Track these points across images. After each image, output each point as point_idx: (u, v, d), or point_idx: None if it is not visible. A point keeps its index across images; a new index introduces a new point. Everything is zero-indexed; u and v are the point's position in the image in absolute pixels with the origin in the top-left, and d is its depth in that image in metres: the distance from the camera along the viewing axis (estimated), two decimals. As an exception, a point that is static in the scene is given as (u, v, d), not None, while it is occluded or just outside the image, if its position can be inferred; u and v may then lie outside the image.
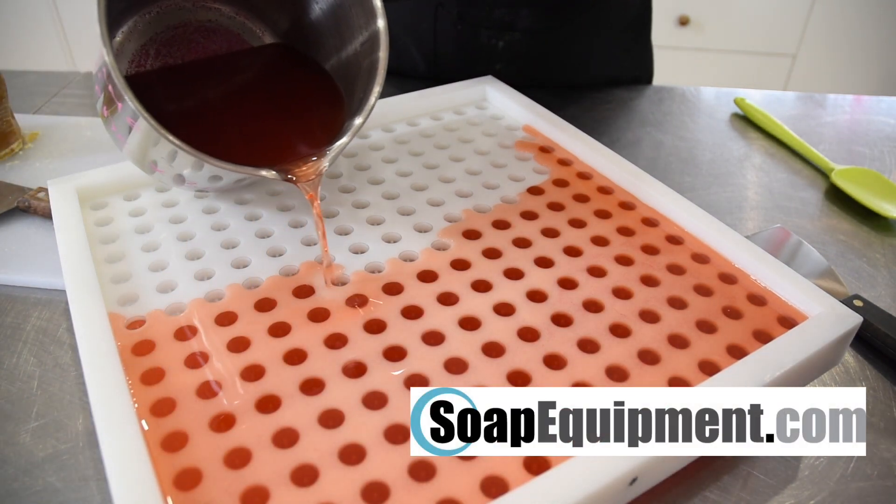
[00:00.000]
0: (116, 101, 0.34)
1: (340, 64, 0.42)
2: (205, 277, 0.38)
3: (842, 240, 0.51)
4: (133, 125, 0.35)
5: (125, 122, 0.35)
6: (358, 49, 0.40)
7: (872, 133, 0.66)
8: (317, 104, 0.42)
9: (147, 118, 0.32)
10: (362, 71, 0.40)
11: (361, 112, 0.38)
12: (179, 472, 0.28)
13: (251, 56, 0.46)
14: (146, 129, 0.33)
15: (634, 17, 0.71)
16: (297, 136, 0.40)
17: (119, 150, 0.39)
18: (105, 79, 0.34)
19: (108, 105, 0.36)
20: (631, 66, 0.74)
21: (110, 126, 0.38)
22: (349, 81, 0.42)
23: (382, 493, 0.27)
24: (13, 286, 0.45)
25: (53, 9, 1.57)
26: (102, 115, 0.38)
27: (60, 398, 0.37)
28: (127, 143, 0.37)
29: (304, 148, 0.39)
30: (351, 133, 0.38)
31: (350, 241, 0.40)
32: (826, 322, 0.34)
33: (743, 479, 0.34)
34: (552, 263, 0.39)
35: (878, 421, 0.37)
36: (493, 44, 0.67)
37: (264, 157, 0.37)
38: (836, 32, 1.57)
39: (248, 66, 0.45)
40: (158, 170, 0.38)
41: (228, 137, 0.36)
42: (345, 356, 0.33)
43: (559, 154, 0.49)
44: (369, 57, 0.39)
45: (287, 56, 0.46)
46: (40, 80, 0.72)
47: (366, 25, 0.39)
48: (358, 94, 0.40)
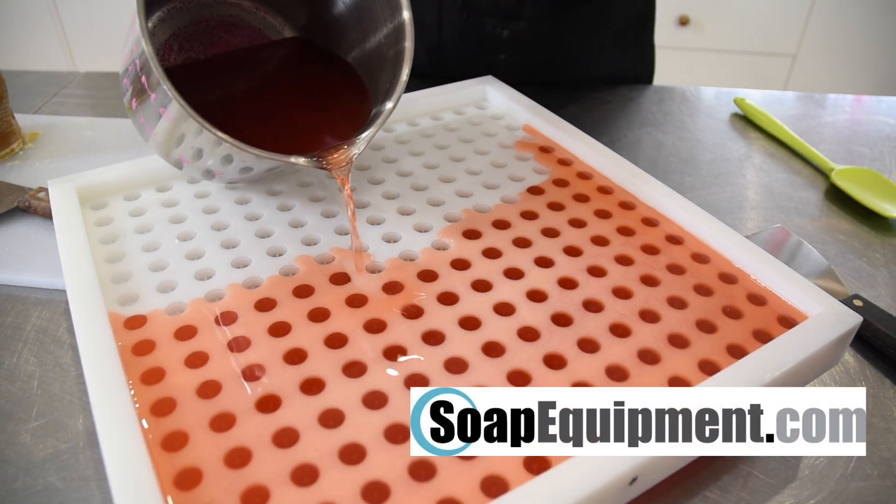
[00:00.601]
0: (150, 92, 0.35)
1: (363, 55, 0.43)
2: (205, 277, 0.38)
3: (842, 240, 0.51)
4: (166, 116, 0.35)
5: (157, 113, 0.36)
6: (382, 41, 0.41)
7: (872, 133, 0.66)
8: (342, 94, 0.43)
9: (187, 108, 0.33)
10: (387, 61, 0.41)
11: (391, 97, 0.39)
12: (180, 471, 0.28)
13: (273, 49, 0.47)
14: (179, 120, 0.34)
15: (638, 14, 0.72)
16: (325, 125, 0.41)
17: (145, 141, 0.40)
18: (138, 71, 0.35)
19: (137, 97, 0.37)
20: (633, 63, 0.74)
21: (138, 118, 0.38)
22: (372, 72, 0.42)
23: (382, 493, 0.27)
24: (13, 286, 0.45)
25: (53, 9, 1.57)
26: (130, 107, 0.39)
27: (61, 398, 0.37)
28: (155, 135, 0.38)
29: (334, 136, 0.40)
30: (382, 118, 0.38)
31: (350, 241, 0.40)
32: (826, 322, 0.34)
33: (743, 479, 0.34)
34: (552, 263, 0.39)
35: (878, 421, 0.37)
36: (497, 33, 0.67)
37: (296, 147, 0.37)
38: (836, 32, 1.57)
39: (271, 59, 0.46)
40: (186, 161, 0.39)
41: (259, 128, 0.37)
42: (345, 356, 0.33)
43: (559, 154, 0.49)
44: (395, 47, 0.40)
45: (308, 49, 0.47)
46: (40, 80, 0.72)
47: (390, 18, 0.40)
48: (384, 82, 0.41)
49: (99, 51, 1.64)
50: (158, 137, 0.38)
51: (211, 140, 0.35)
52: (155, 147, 0.40)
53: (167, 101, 0.34)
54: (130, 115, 0.39)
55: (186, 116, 0.33)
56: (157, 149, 0.40)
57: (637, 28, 0.73)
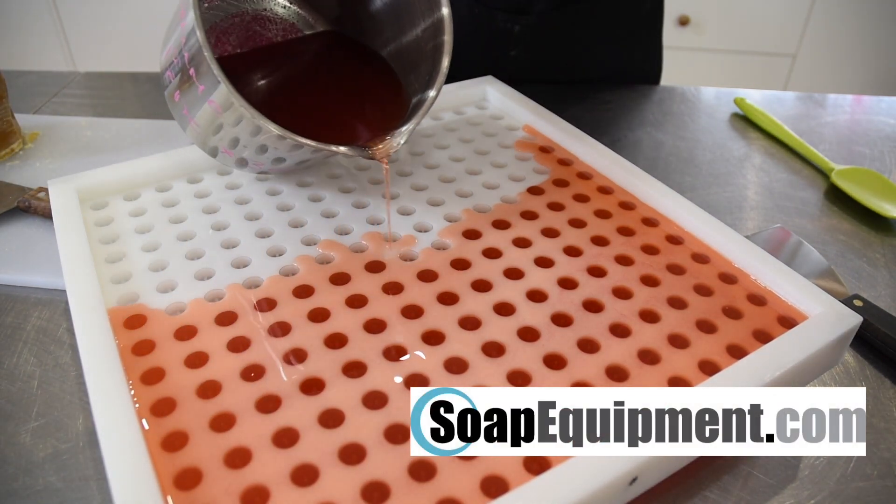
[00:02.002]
0: (198, 84, 0.35)
1: (398, 49, 0.45)
2: (205, 277, 0.38)
3: (842, 240, 0.51)
4: (215, 107, 0.36)
5: (202, 104, 0.36)
6: (419, 34, 0.42)
7: (872, 133, 0.66)
8: (377, 86, 0.45)
9: (237, 97, 0.34)
10: (425, 54, 0.42)
11: (433, 86, 0.40)
12: (180, 471, 0.28)
13: (306, 43, 0.48)
14: (227, 110, 0.35)
15: (647, 11, 0.72)
16: (363, 116, 0.43)
17: (183, 130, 0.41)
18: (186, 63, 0.36)
19: (182, 88, 0.38)
20: (641, 61, 0.74)
21: (181, 109, 0.39)
22: (408, 65, 0.44)
23: (383, 493, 0.27)
24: (13, 286, 0.45)
25: (53, 9, 1.57)
26: (172, 99, 0.39)
27: (61, 398, 0.37)
28: (196, 125, 0.39)
29: (372, 127, 0.41)
30: (427, 105, 0.39)
31: (350, 241, 0.40)
32: (826, 322, 0.34)
33: (743, 478, 0.34)
34: (552, 263, 0.39)
35: (878, 421, 0.37)
36: (508, 28, 0.67)
37: (335, 137, 0.38)
38: (836, 32, 1.57)
39: (306, 52, 0.48)
40: (227, 151, 0.40)
41: (301, 119, 0.38)
42: (345, 356, 0.33)
43: (559, 154, 0.49)
44: (433, 41, 0.41)
45: (340, 43, 0.48)
46: (40, 80, 0.72)
47: (429, 13, 0.42)
48: (422, 74, 0.42)
49: (99, 51, 1.64)
50: (199, 127, 0.39)
51: (252, 130, 0.36)
52: (194, 136, 0.41)
53: (217, 92, 0.35)
54: (171, 106, 0.41)
55: (235, 107, 0.34)
56: (196, 138, 0.41)
57: (646, 26, 0.73)
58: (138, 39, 1.61)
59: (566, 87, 0.71)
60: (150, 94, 0.71)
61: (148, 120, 0.63)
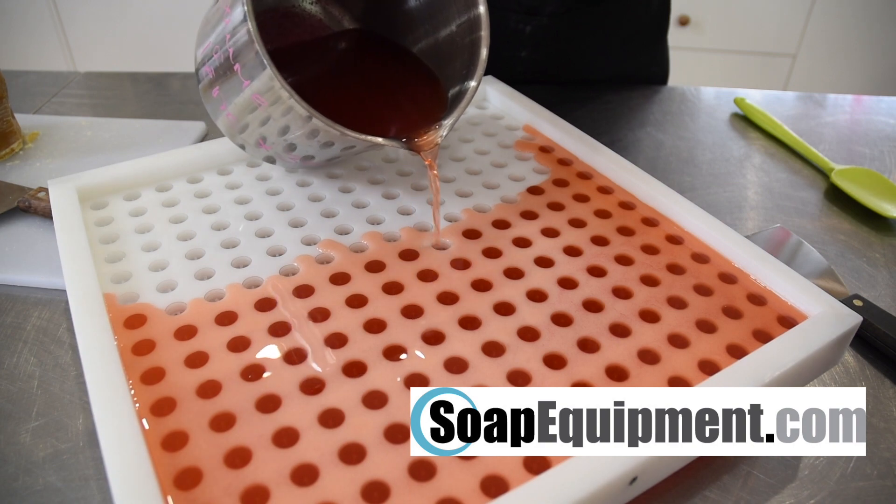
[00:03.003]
0: (243, 78, 0.36)
1: (431, 46, 0.45)
2: (205, 277, 0.38)
3: (842, 240, 0.51)
4: (259, 101, 0.36)
5: (246, 98, 0.37)
6: (454, 31, 0.43)
7: (872, 133, 0.66)
8: (412, 81, 0.45)
9: (286, 87, 0.34)
10: (461, 48, 0.43)
11: (473, 76, 0.41)
12: (180, 471, 0.28)
13: (337, 40, 0.49)
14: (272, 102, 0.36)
15: (655, 12, 0.72)
16: (404, 109, 0.44)
17: (216, 121, 0.42)
18: (230, 59, 0.36)
19: (222, 84, 0.38)
20: (649, 62, 0.75)
21: (218, 105, 0.40)
22: (442, 60, 0.44)
23: (383, 493, 0.27)
24: (13, 286, 0.45)
25: (53, 9, 1.57)
26: (210, 94, 0.40)
27: (61, 398, 0.37)
28: (234, 120, 0.40)
29: (411, 120, 0.42)
30: (469, 95, 0.40)
31: (350, 240, 0.40)
32: (826, 322, 0.34)
33: (743, 478, 0.34)
34: (552, 263, 0.39)
35: (878, 421, 0.37)
36: (520, 28, 0.67)
37: (379, 132, 0.39)
38: (836, 32, 1.57)
39: (338, 49, 0.48)
40: (266, 146, 0.41)
41: (343, 114, 0.38)
42: (345, 355, 0.33)
43: (559, 154, 0.49)
44: (469, 36, 0.42)
45: (370, 39, 0.49)
46: (40, 80, 0.72)
47: (465, 11, 0.42)
48: (458, 67, 0.43)
49: (99, 51, 1.64)
50: (237, 122, 0.40)
51: (299, 124, 0.37)
52: (229, 130, 0.42)
53: (265, 85, 0.35)
54: (207, 101, 0.41)
55: (283, 100, 0.35)
56: (231, 132, 0.42)
57: (654, 27, 0.73)
58: (138, 39, 1.61)
59: (566, 88, 0.71)
60: (150, 94, 0.71)
61: (148, 120, 0.63)
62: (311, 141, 0.38)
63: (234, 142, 0.43)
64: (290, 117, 0.36)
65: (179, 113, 0.66)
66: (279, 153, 0.41)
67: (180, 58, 1.63)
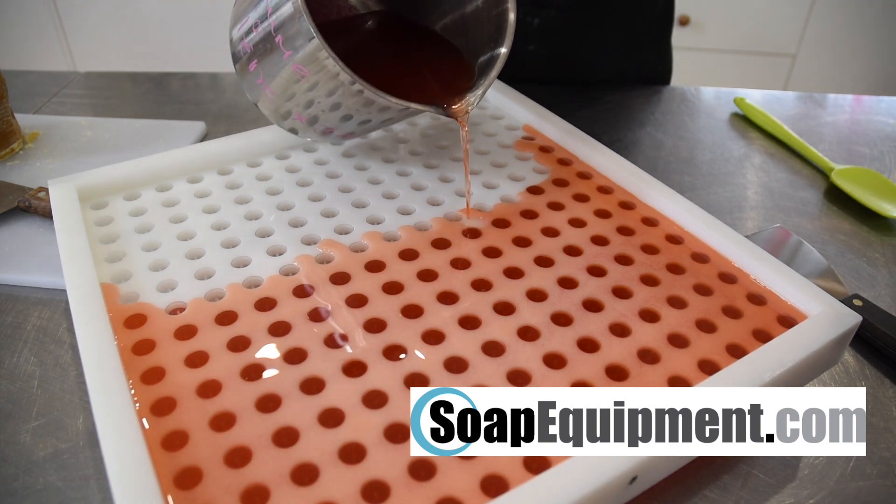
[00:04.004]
0: (284, 50, 0.37)
1: (455, 22, 0.48)
2: (205, 277, 0.38)
3: (842, 240, 0.51)
4: (300, 70, 0.38)
5: (287, 70, 0.38)
6: (479, 6, 0.45)
7: (872, 133, 0.66)
8: (441, 56, 0.47)
9: (332, 55, 0.35)
10: (488, 20, 0.44)
11: (503, 43, 0.42)
12: (180, 471, 0.28)
13: (365, 20, 0.50)
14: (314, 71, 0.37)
15: (661, 11, 0.72)
16: (437, 80, 0.45)
17: (253, 101, 0.44)
18: (272, 32, 0.37)
19: (261, 58, 0.39)
20: (655, 61, 0.75)
21: (255, 79, 0.41)
22: (468, 33, 0.46)
23: (383, 493, 0.27)
24: (13, 286, 0.45)
25: (53, 9, 1.57)
26: (247, 70, 0.41)
27: (61, 397, 0.37)
28: (273, 94, 0.41)
29: (444, 91, 0.44)
30: (500, 62, 0.42)
31: (350, 240, 0.40)
32: (826, 321, 0.34)
33: (743, 478, 0.34)
34: (552, 263, 0.39)
35: (878, 421, 0.37)
36: (528, 21, 0.68)
37: (416, 100, 0.40)
38: (836, 32, 1.57)
39: (366, 27, 0.50)
40: (298, 117, 0.42)
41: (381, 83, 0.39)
42: (345, 355, 0.33)
43: (559, 154, 0.49)
44: (496, 8, 0.44)
45: (395, 19, 0.50)
46: (40, 80, 0.72)
47: None
48: (484, 38, 0.44)
49: (99, 51, 1.64)
50: (274, 94, 0.41)
51: (344, 91, 0.38)
52: (267, 102, 0.43)
53: (310, 55, 0.36)
54: (243, 78, 0.43)
55: (328, 69, 0.36)
56: (269, 103, 0.43)
57: (659, 25, 0.73)
58: (138, 39, 1.61)
59: (566, 88, 0.71)
60: (150, 94, 0.71)
61: (148, 120, 0.63)
62: (350, 110, 0.40)
63: (275, 114, 0.44)
64: (332, 85, 0.38)
65: (179, 113, 0.66)
66: (313, 126, 0.43)
67: (180, 58, 1.64)
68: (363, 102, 0.38)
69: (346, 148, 0.50)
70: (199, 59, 1.57)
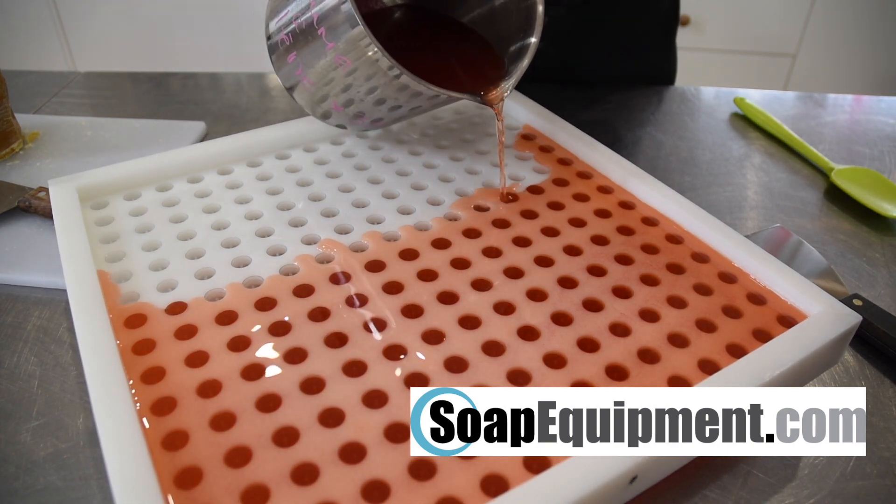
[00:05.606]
0: (326, 41, 0.38)
1: (483, 14, 0.49)
2: (205, 276, 0.38)
3: (842, 239, 0.51)
4: (340, 61, 0.39)
5: (329, 60, 0.39)
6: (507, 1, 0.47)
7: (872, 133, 0.66)
8: (471, 46, 0.49)
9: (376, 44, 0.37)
10: (516, 13, 0.46)
11: (533, 33, 0.44)
12: (180, 470, 0.28)
13: (393, 13, 0.51)
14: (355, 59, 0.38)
15: (667, 11, 0.72)
16: (469, 70, 0.47)
17: (289, 91, 0.45)
18: (314, 23, 0.38)
19: (300, 49, 0.41)
20: (660, 61, 0.75)
21: (294, 70, 0.42)
22: (497, 24, 0.48)
23: (383, 492, 0.27)
24: (14, 286, 0.45)
25: (53, 9, 1.57)
26: (285, 60, 0.42)
27: (61, 397, 0.37)
28: (311, 83, 0.42)
29: (476, 79, 0.45)
30: (531, 51, 0.43)
31: (351, 240, 0.40)
32: (826, 321, 0.34)
33: (743, 478, 0.34)
34: (552, 262, 0.39)
35: (878, 421, 0.37)
36: None
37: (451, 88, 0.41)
38: (836, 32, 1.57)
39: (394, 19, 0.51)
40: (337, 107, 0.44)
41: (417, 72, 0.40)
42: (345, 355, 0.33)
43: (559, 153, 0.49)
44: (525, 1, 0.45)
45: (423, 11, 0.51)
46: (40, 80, 0.72)
47: None
48: (514, 29, 0.46)
49: (99, 51, 1.64)
50: (313, 85, 0.42)
51: (387, 80, 0.39)
52: (304, 93, 0.44)
53: (352, 45, 0.37)
54: (281, 68, 0.44)
55: (369, 57, 0.37)
56: (307, 95, 0.44)
57: (666, 25, 0.73)
58: (138, 39, 1.61)
59: (567, 88, 0.71)
60: (150, 94, 0.71)
61: (148, 120, 0.63)
62: (385, 94, 0.40)
63: (313, 104, 0.44)
64: (371, 71, 0.39)
65: (179, 113, 0.66)
66: (346, 110, 0.44)
67: (180, 58, 1.64)
68: (397, 88, 0.40)
69: (347, 148, 0.50)
70: (199, 59, 1.58)
